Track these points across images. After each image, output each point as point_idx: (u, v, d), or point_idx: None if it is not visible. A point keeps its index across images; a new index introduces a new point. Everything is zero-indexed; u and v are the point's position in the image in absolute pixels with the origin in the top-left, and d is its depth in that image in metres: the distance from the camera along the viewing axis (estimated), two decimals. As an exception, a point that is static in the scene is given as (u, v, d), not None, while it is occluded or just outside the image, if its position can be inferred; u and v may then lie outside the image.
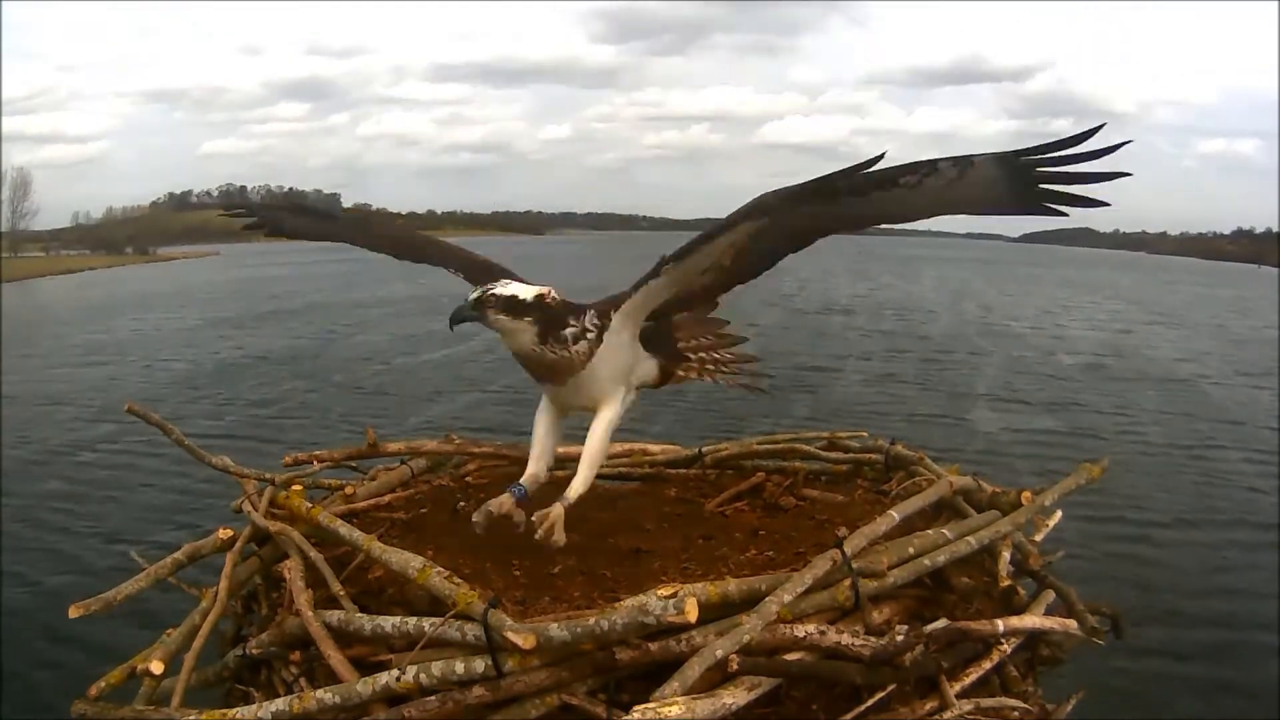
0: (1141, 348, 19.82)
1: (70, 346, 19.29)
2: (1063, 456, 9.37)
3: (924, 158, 1.81)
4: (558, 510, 2.29)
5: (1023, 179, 1.79)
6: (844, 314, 25.01)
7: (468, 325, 2.30)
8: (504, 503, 2.34)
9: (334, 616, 2.04)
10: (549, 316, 2.27)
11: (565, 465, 3.17)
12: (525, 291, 2.27)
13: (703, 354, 2.73)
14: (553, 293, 2.29)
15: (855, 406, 12.23)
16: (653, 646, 1.80)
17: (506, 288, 2.25)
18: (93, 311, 27.64)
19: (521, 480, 2.41)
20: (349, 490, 2.79)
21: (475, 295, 2.24)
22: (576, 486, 2.36)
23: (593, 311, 2.33)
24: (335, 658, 1.97)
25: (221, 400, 12.97)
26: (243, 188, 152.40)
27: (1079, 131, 1.70)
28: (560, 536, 2.26)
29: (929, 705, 2.00)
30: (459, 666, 1.83)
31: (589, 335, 2.31)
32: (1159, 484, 8.99)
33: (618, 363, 2.40)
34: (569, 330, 2.29)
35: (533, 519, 2.29)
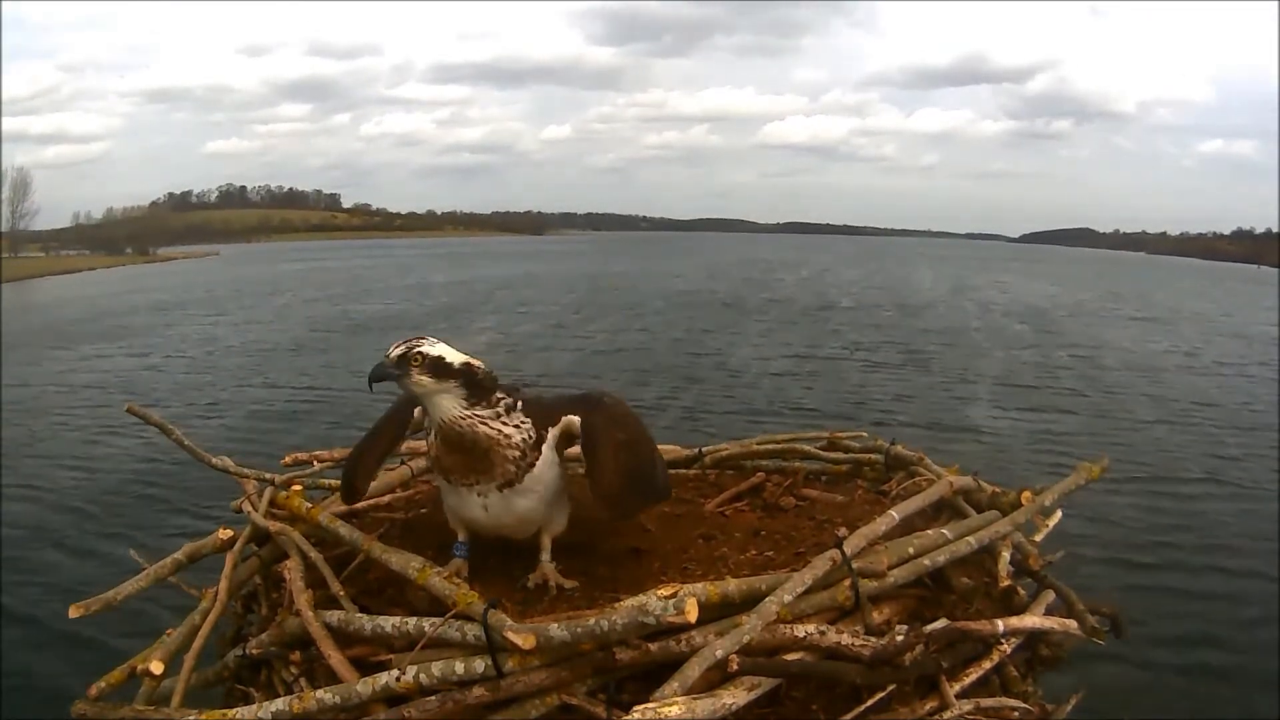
0: (1135, 342, 19.90)
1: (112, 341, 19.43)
2: (1061, 449, 9.53)
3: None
4: (548, 567, 2.20)
5: None
6: (845, 310, 25.06)
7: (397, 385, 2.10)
8: (459, 568, 2.20)
9: (334, 616, 2.04)
10: (477, 385, 2.08)
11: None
12: (453, 355, 2.08)
13: None
14: (483, 366, 2.11)
15: (853, 402, 12.26)
16: (653, 646, 1.80)
17: (434, 346, 2.07)
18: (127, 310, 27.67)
19: (460, 539, 2.27)
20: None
21: (399, 351, 2.05)
22: (547, 545, 2.24)
23: (520, 409, 2.13)
24: (335, 658, 1.97)
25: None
26: (243, 188, 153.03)
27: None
28: (565, 582, 2.18)
29: (929, 705, 1.99)
30: (459, 666, 1.83)
31: (522, 429, 2.12)
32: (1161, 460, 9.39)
33: (555, 484, 2.19)
34: (504, 405, 2.11)
35: (528, 583, 2.18)
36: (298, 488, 2.54)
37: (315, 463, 2.84)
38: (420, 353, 2.06)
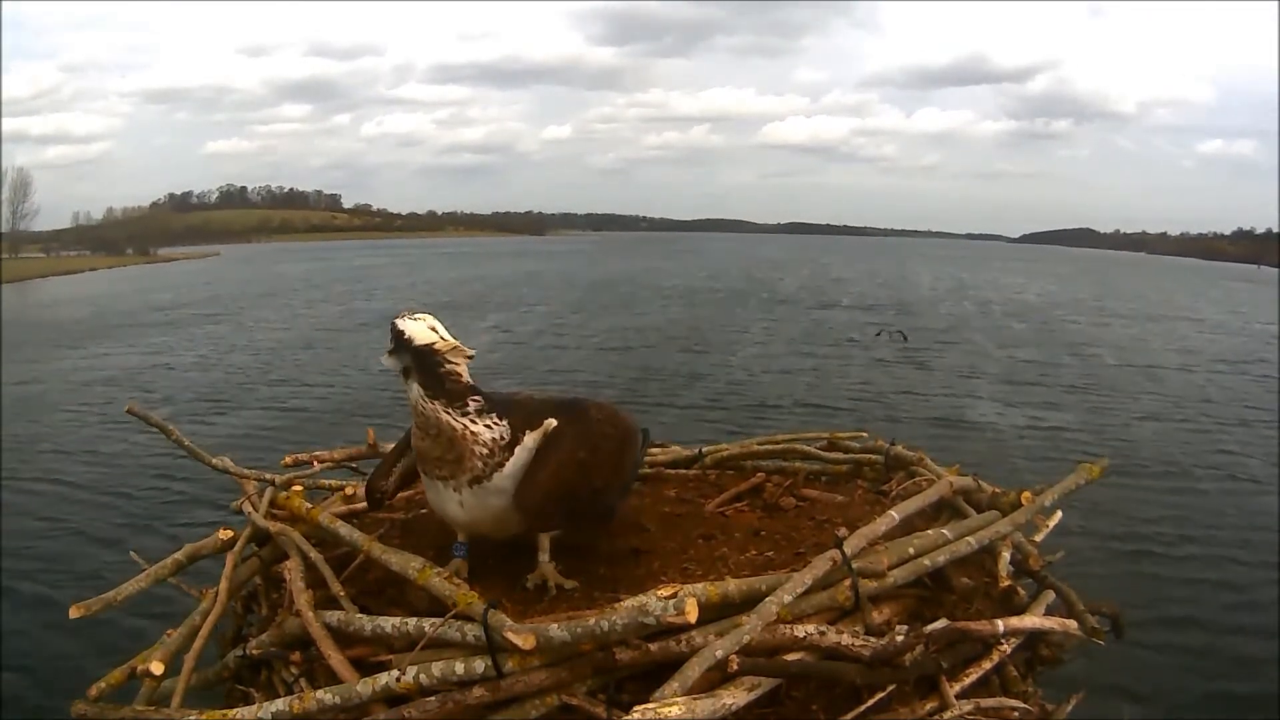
0: (1134, 341, 19.95)
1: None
2: (1061, 445, 9.58)
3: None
4: (548, 568, 2.18)
5: None
6: (845, 309, 25.09)
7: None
8: (459, 568, 2.19)
9: (334, 617, 2.04)
10: (433, 371, 2.04)
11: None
12: (421, 334, 2.04)
13: None
14: (450, 348, 2.04)
15: (854, 399, 12.27)
16: (653, 646, 1.80)
17: (408, 321, 2.04)
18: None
19: (460, 539, 2.25)
20: (349, 491, 2.79)
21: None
22: (546, 545, 2.21)
23: (495, 412, 2.09)
24: (335, 658, 1.97)
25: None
26: (243, 188, 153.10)
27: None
28: (564, 582, 2.17)
29: (929, 705, 1.99)
30: (459, 667, 1.83)
31: (495, 429, 2.09)
32: (1162, 453, 9.49)
33: None
34: (471, 405, 2.07)
35: (528, 583, 2.17)
36: (298, 488, 2.54)
37: (315, 463, 2.85)
38: (392, 323, 2.06)
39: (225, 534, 2.43)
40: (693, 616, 1.75)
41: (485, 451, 2.09)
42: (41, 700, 4.54)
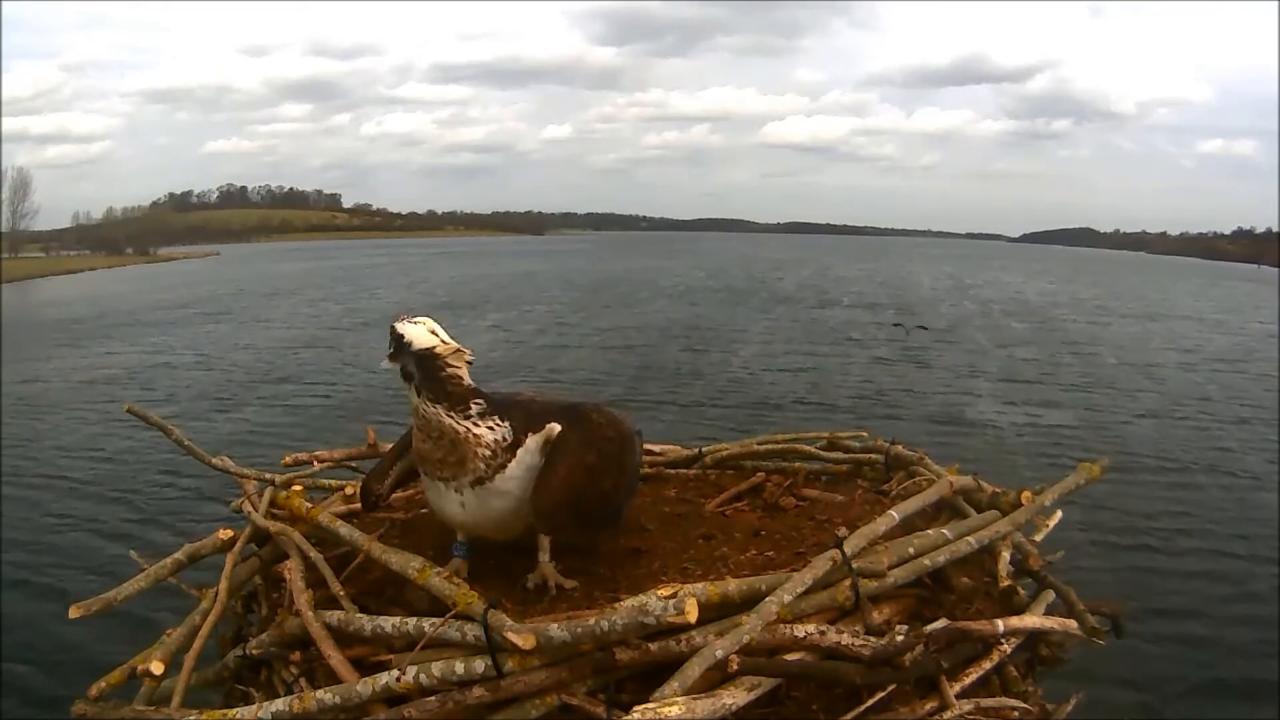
0: (1134, 340, 19.96)
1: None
2: (1061, 443, 9.59)
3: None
4: (548, 568, 2.17)
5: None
6: (846, 308, 25.10)
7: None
8: (459, 567, 2.19)
9: (334, 617, 2.04)
10: (434, 375, 2.04)
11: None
12: (422, 339, 2.04)
13: None
14: (450, 351, 2.05)
15: (854, 398, 12.27)
16: (653, 646, 1.80)
17: (408, 325, 2.04)
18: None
19: (459, 539, 2.26)
20: (349, 490, 2.79)
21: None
22: (546, 545, 2.20)
23: (497, 414, 2.10)
24: (335, 658, 1.97)
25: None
26: (243, 188, 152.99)
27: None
28: (564, 582, 2.17)
29: (929, 705, 1.99)
30: (459, 667, 1.83)
31: (497, 431, 2.10)
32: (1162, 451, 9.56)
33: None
34: (474, 408, 2.08)
35: (528, 583, 2.16)
36: (298, 488, 2.54)
37: (315, 463, 2.84)
38: (392, 326, 2.06)
39: (225, 534, 2.43)
40: (693, 616, 1.74)
41: (488, 453, 2.09)
42: (50, 689, 4.56)
